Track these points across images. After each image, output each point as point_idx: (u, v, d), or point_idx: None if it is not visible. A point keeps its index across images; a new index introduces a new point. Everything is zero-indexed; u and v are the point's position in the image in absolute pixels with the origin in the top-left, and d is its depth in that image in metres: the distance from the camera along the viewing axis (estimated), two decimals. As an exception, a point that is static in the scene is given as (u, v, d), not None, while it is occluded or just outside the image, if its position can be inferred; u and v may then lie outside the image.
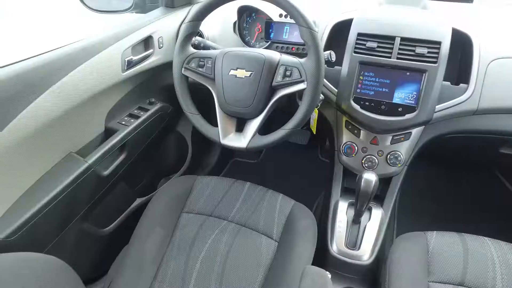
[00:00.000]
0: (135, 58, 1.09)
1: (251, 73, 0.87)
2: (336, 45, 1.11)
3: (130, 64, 1.07)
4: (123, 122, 1.10)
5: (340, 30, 1.09)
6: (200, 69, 0.93)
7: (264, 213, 0.97)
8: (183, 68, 0.94)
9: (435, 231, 0.91)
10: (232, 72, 0.89)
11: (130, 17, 1.21)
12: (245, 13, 1.17)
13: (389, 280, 0.83)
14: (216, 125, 0.93)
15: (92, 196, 1.01)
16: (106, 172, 1.03)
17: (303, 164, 1.84)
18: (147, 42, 1.13)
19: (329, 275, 0.76)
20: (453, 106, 1.00)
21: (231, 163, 1.91)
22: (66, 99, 0.88)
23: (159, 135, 1.29)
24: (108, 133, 1.06)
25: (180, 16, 1.26)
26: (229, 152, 1.91)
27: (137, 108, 1.19)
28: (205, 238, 0.91)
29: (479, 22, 1.08)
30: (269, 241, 0.91)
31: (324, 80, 1.07)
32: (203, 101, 0.98)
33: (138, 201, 1.29)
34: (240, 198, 1.01)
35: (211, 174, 1.10)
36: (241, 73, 0.88)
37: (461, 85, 1.00)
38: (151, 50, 1.15)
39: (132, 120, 1.12)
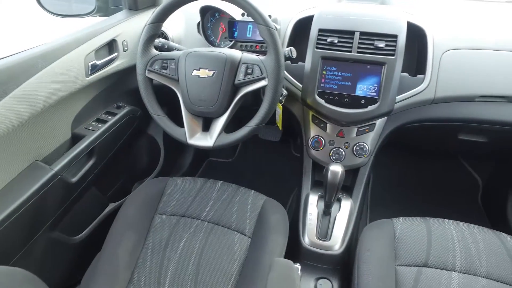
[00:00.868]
0: (99, 62, 1.07)
1: (213, 73, 0.88)
2: (299, 41, 1.14)
3: (95, 69, 1.06)
4: (91, 128, 1.09)
5: (302, 27, 1.11)
6: (163, 70, 0.93)
7: (236, 210, 0.98)
8: (146, 71, 0.94)
9: (401, 218, 0.95)
10: (195, 72, 0.90)
11: (93, 20, 1.20)
12: (208, 13, 1.18)
13: (358, 267, 0.86)
14: (184, 126, 0.94)
15: (60, 204, 0.99)
16: (75, 179, 1.01)
17: (277, 160, 1.86)
18: (111, 45, 1.12)
19: (298, 266, 0.78)
20: (412, 96, 1.04)
21: (206, 163, 1.91)
22: (28, 105, 0.86)
23: (129, 138, 1.28)
24: (75, 139, 1.05)
25: (144, 19, 1.25)
26: (204, 152, 1.91)
27: (104, 112, 1.17)
28: (178, 238, 0.92)
29: (433, 16, 1.12)
30: (242, 238, 0.92)
31: (289, 76, 1.10)
32: (171, 102, 0.98)
33: (111, 206, 1.27)
34: (212, 197, 1.02)
35: (186, 175, 1.11)
36: (204, 73, 0.89)
37: (419, 76, 1.04)
38: (115, 54, 1.13)
39: (100, 125, 1.10)
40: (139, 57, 0.94)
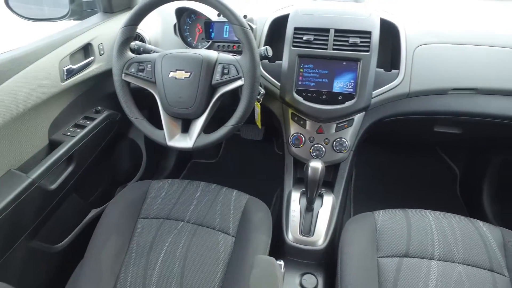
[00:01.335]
0: (75, 66, 1.06)
1: (190, 74, 0.88)
2: (276, 40, 1.15)
3: (70, 73, 1.04)
4: (68, 133, 1.07)
5: (279, 25, 1.12)
6: (140, 73, 0.92)
7: (220, 211, 0.98)
8: (123, 74, 0.93)
9: (382, 210, 0.97)
10: (172, 74, 0.89)
11: (67, 24, 1.18)
12: (184, 14, 1.18)
13: (341, 261, 0.88)
14: (163, 128, 0.93)
15: (39, 212, 0.97)
16: (53, 186, 0.99)
17: (261, 159, 1.87)
18: (86, 49, 1.11)
19: (281, 262, 0.79)
20: (388, 91, 1.06)
21: (189, 165, 1.91)
22: (1, 112, 0.85)
23: (110, 143, 1.27)
24: (53, 145, 1.03)
25: (119, 21, 1.23)
26: (187, 153, 1.90)
27: (82, 117, 1.15)
28: (162, 241, 0.91)
29: (405, 12, 1.15)
30: (226, 237, 0.93)
31: (267, 74, 1.11)
32: (151, 104, 0.98)
33: (93, 212, 1.26)
34: (195, 198, 1.02)
35: (170, 178, 1.10)
36: (181, 75, 0.89)
37: (393, 70, 1.07)
38: (91, 58, 1.12)
39: (78, 131, 1.09)
40: (114, 61, 0.93)
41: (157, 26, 1.24)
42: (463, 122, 1.16)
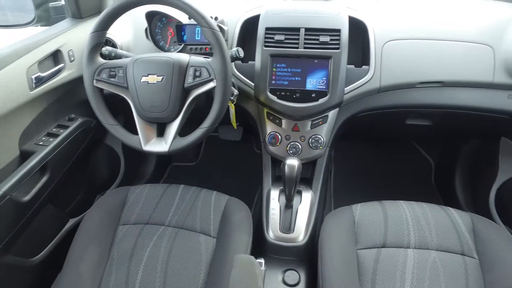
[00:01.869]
0: (44, 74, 1.04)
1: (162, 78, 0.88)
2: (248, 40, 1.16)
3: (40, 81, 1.02)
4: (41, 143, 1.05)
5: (250, 26, 1.13)
6: (112, 79, 0.92)
7: (200, 212, 0.98)
8: (94, 80, 0.92)
9: (359, 204, 0.99)
10: (144, 79, 0.89)
11: (33, 31, 1.15)
12: (155, 18, 1.17)
13: (321, 255, 0.89)
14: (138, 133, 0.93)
15: (12, 225, 0.95)
16: (27, 198, 0.97)
17: (241, 159, 1.88)
18: (56, 56, 1.09)
19: (262, 260, 0.80)
20: (359, 86, 1.09)
21: (169, 169, 1.89)
22: None
23: (86, 150, 1.25)
24: (24, 156, 1.01)
25: (89, 27, 1.20)
26: (166, 157, 1.89)
27: (55, 126, 1.13)
28: (144, 247, 0.91)
29: (373, 9, 1.18)
30: (208, 239, 0.93)
31: (240, 75, 1.11)
32: (127, 110, 0.97)
33: (72, 222, 1.23)
34: (175, 201, 1.01)
35: (150, 182, 1.10)
36: (153, 79, 0.89)
37: (364, 67, 1.09)
38: (61, 65, 1.10)
39: (51, 139, 1.07)
40: (85, 67, 0.92)
41: (129, 31, 1.22)
42: (433, 114, 1.20)
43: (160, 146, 0.92)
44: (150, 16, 1.14)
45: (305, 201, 1.10)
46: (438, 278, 0.81)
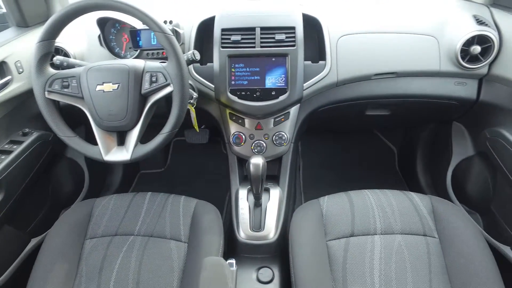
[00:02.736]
0: None
1: (118, 85, 0.86)
2: (207, 42, 1.15)
3: None
4: None
5: (206, 28, 1.13)
6: (65, 89, 0.89)
7: (169, 219, 0.97)
8: (46, 92, 0.88)
9: (326, 196, 1.02)
10: (99, 87, 0.87)
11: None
12: (108, 24, 1.14)
13: (292, 249, 0.91)
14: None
15: None
16: None
17: (210, 161, 1.87)
18: (1, 68, 1.03)
19: (232, 261, 0.80)
20: (318, 81, 1.11)
21: (138, 177, 1.85)
22: None
23: (45, 166, 1.20)
24: None
25: (37, 36, 1.17)
26: (134, 166, 1.85)
27: (7, 142, 1.08)
28: (113, 259, 0.89)
29: (325, 6, 1.21)
30: (179, 244, 0.92)
31: (199, 77, 1.11)
32: (85, 120, 0.94)
33: (34, 241, 1.18)
34: (142, 209, 1.00)
35: (118, 192, 1.07)
36: (109, 87, 0.87)
37: (321, 62, 1.12)
38: (8, 77, 1.04)
39: (3, 157, 1.01)
40: (34, 79, 0.88)
41: (82, 39, 1.18)
42: (389, 103, 1.25)
43: (121, 155, 0.90)
44: (102, 22, 1.11)
45: (274, 198, 1.11)
46: (403, 259, 0.85)
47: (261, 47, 1.05)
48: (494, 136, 1.10)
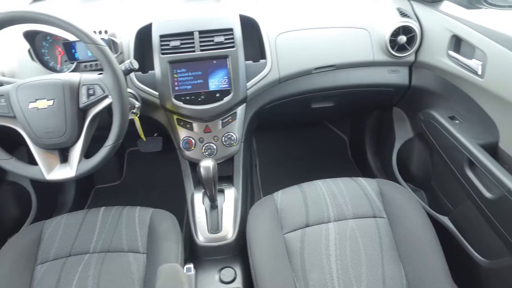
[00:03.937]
0: None
1: (53, 101, 0.83)
2: (147, 50, 1.14)
3: None
4: None
5: (145, 35, 1.12)
6: None
7: (125, 231, 0.95)
8: None
9: (280, 191, 1.05)
10: (32, 105, 0.83)
11: None
12: (38, 37, 1.09)
13: (250, 247, 0.93)
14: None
15: None
16: None
17: (167, 169, 1.85)
18: None
19: (190, 265, 0.81)
20: (260, 80, 1.14)
21: (93, 192, 1.79)
22: None
23: None
24: None
25: None
26: (88, 181, 1.78)
27: None
28: (68, 281, 0.86)
29: (262, 6, 1.24)
30: (137, 256, 0.91)
31: (142, 86, 1.09)
32: (23, 140, 0.90)
33: None
34: (97, 225, 0.97)
35: (73, 211, 1.03)
36: (43, 104, 0.83)
37: (261, 61, 1.15)
38: None
39: None
40: None
41: (10, 55, 1.12)
42: (332, 95, 1.31)
43: (65, 172, 0.87)
44: (30, 35, 1.05)
45: (229, 199, 1.13)
46: (357, 242, 0.90)
47: (201, 50, 1.05)
48: (427, 117, 1.18)
